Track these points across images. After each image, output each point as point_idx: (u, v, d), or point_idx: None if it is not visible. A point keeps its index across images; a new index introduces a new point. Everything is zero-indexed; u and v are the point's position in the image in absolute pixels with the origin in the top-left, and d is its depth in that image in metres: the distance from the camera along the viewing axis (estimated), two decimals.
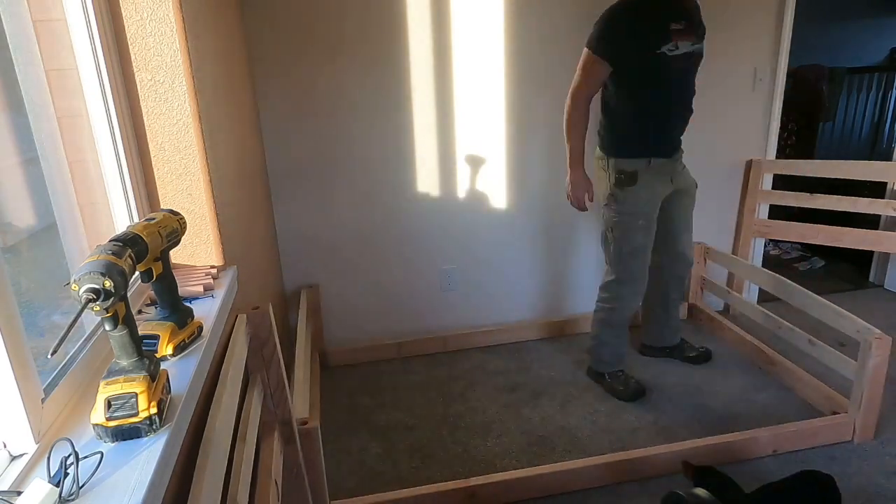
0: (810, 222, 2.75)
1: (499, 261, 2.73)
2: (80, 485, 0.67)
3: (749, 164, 2.78)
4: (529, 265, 2.76)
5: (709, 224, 2.83)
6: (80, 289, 0.70)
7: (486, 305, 2.78)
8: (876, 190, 2.92)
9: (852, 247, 2.70)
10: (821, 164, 2.87)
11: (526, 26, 2.43)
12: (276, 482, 1.79)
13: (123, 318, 0.77)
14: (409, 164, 2.50)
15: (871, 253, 3.25)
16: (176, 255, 1.23)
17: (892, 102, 4.20)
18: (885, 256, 3.20)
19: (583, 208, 2.19)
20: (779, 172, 2.81)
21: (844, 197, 2.68)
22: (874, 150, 4.29)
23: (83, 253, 1.06)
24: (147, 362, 0.79)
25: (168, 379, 0.84)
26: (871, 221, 2.95)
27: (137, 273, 0.92)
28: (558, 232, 2.74)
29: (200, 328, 1.04)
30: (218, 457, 1.13)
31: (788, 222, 2.79)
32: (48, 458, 0.69)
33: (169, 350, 0.96)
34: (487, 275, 2.74)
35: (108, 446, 0.74)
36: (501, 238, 2.69)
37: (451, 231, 2.63)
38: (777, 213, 2.91)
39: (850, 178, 2.72)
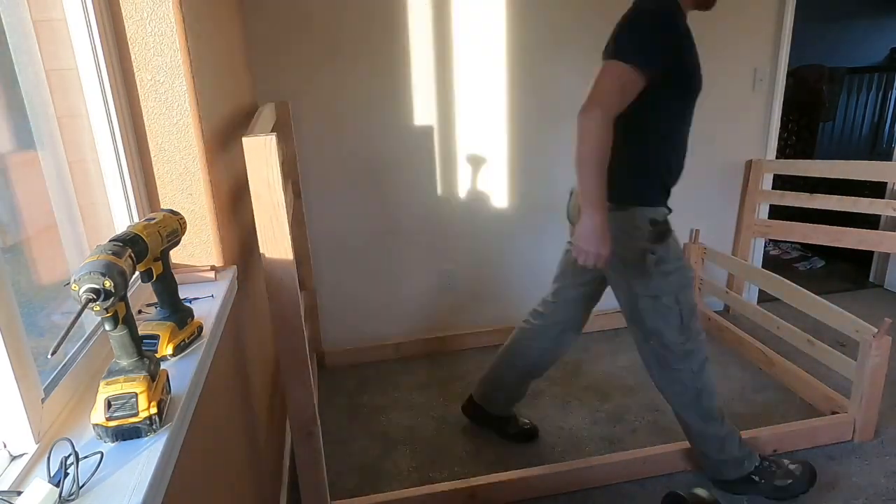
0: (810, 222, 2.75)
1: (499, 261, 2.73)
2: (80, 485, 0.67)
3: (749, 164, 2.79)
4: (530, 265, 2.76)
5: (709, 224, 2.83)
6: (80, 289, 0.70)
7: (486, 305, 2.78)
8: (876, 190, 2.92)
9: (852, 247, 2.70)
10: (821, 164, 2.87)
11: (528, 23, 2.43)
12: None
13: (123, 318, 0.77)
14: (409, 163, 2.50)
15: (871, 253, 3.25)
16: (176, 255, 1.23)
17: (892, 102, 4.20)
18: (885, 256, 3.20)
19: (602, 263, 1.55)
20: (778, 172, 2.81)
21: (845, 197, 2.68)
22: (874, 150, 4.29)
23: (83, 253, 1.06)
24: (147, 362, 0.79)
25: (168, 379, 0.84)
26: (870, 221, 2.95)
27: (137, 273, 0.92)
28: (559, 232, 2.74)
29: (200, 328, 1.04)
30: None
31: (789, 222, 2.80)
32: (48, 458, 0.69)
33: (169, 350, 0.96)
34: (487, 275, 2.74)
35: (108, 446, 0.74)
36: (502, 238, 2.69)
37: (451, 231, 2.63)
38: (777, 213, 2.91)
39: (850, 178, 2.72)
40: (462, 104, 2.47)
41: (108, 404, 0.75)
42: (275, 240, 1.37)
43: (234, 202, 1.51)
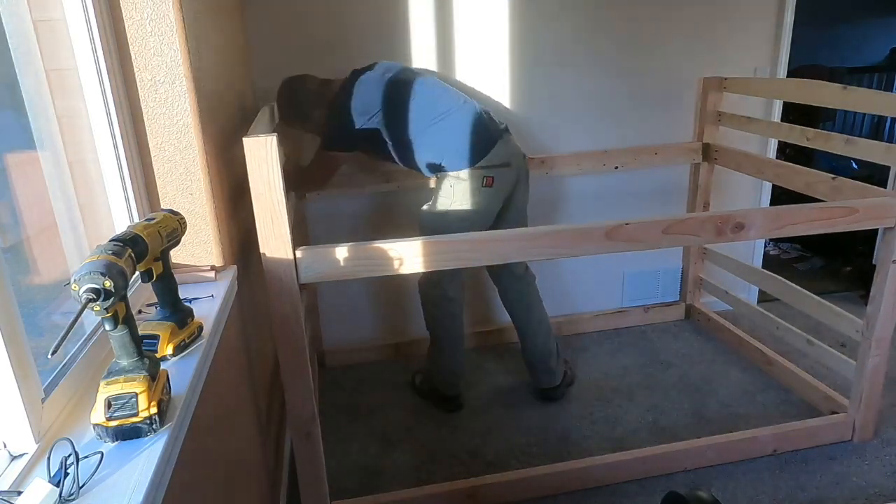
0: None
1: None
2: (81, 485, 0.67)
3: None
4: (529, 265, 2.75)
5: None
6: (80, 289, 0.70)
7: (486, 305, 2.78)
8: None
9: (800, 191, 2.17)
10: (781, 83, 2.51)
11: (531, 21, 2.43)
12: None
13: (123, 318, 0.77)
14: None
15: (870, 253, 3.25)
16: (176, 255, 1.22)
17: None
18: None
19: None
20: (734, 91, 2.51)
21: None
22: None
23: (83, 253, 1.06)
24: (147, 362, 0.79)
25: (168, 379, 0.84)
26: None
27: (137, 273, 0.92)
28: None
29: (200, 328, 1.04)
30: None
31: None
32: (48, 458, 0.69)
33: (169, 350, 0.96)
34: (487, 275, 2.73)
35: (108, 446, 0.74)
36: None
37: None
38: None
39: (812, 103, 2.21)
40: None
41: (109, 404, 0.75)
42: (275, 239, 1.37)
43: (234, 202, 1.51)
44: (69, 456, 0.68)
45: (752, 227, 1.67)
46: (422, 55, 2.38)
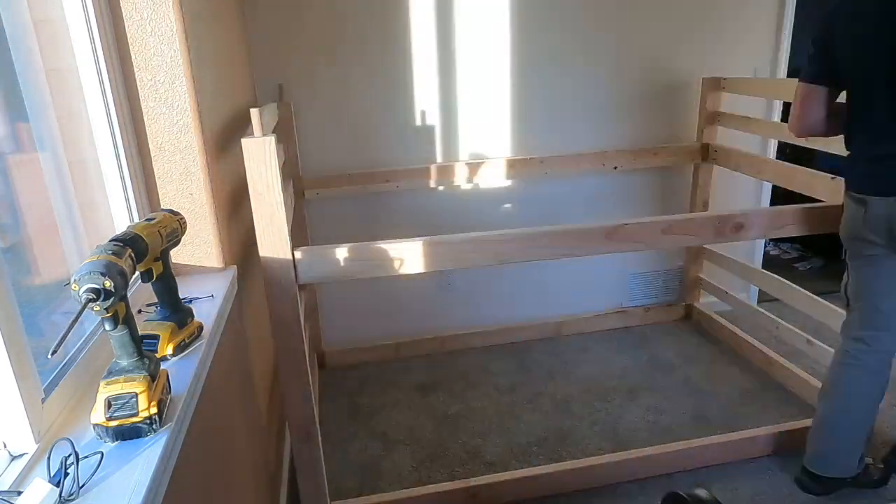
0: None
1: None
2: (81, 485, 0.67)
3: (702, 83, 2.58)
4: (529, 265, 2.76)
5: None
6: (80, 289, 0.70)
7: (486, 305, 2.78)
8: None
9: (799, 190, 2.15)
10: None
11: (532, 18, 2.43)
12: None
13: (123, 318, 0.77)
14: (410, 162, 2.50)
15: None
16: (176, 255, 1.23)
17: None
18: None
19: None
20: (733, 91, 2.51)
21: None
22: None
23: (83, 253, 1.06)
24: (147, 362, 0.79)
25: (168, 379, 0.84)
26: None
27: (137, 273, 0.92)
28: None
29: (200, 328, 1.04)
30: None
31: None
32: (48, 458, 0.69)
33: (169, 350, 0.96)
34: (487, 275, 2.74)
35: (108, 446, 0.74)
36: None
37: (451, 230, 2.62)
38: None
39: None
40: (463, 104, 2.47)
41: (109, 404, 0.75)
42: (274, 240, 1.37)
43: (234, 202, 1.51)
44: (69, 456, 0.68)
45: (752, 227, 1.67)
46: (422, 55, 2.38)
